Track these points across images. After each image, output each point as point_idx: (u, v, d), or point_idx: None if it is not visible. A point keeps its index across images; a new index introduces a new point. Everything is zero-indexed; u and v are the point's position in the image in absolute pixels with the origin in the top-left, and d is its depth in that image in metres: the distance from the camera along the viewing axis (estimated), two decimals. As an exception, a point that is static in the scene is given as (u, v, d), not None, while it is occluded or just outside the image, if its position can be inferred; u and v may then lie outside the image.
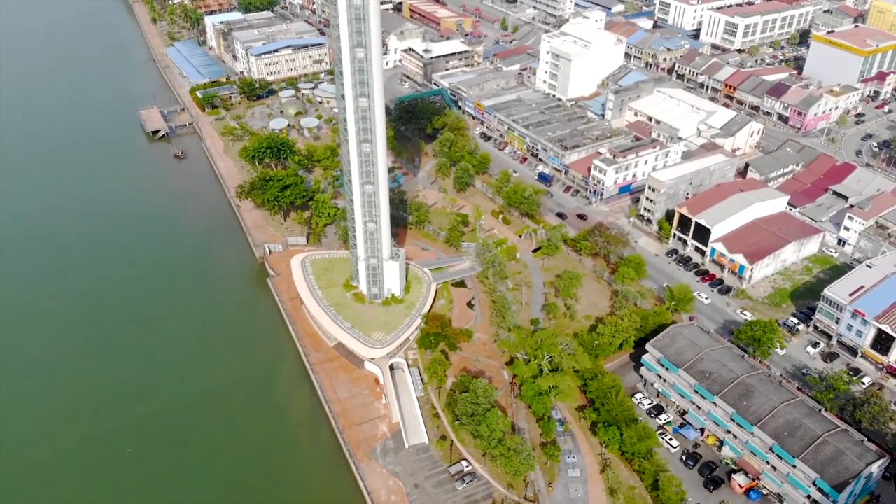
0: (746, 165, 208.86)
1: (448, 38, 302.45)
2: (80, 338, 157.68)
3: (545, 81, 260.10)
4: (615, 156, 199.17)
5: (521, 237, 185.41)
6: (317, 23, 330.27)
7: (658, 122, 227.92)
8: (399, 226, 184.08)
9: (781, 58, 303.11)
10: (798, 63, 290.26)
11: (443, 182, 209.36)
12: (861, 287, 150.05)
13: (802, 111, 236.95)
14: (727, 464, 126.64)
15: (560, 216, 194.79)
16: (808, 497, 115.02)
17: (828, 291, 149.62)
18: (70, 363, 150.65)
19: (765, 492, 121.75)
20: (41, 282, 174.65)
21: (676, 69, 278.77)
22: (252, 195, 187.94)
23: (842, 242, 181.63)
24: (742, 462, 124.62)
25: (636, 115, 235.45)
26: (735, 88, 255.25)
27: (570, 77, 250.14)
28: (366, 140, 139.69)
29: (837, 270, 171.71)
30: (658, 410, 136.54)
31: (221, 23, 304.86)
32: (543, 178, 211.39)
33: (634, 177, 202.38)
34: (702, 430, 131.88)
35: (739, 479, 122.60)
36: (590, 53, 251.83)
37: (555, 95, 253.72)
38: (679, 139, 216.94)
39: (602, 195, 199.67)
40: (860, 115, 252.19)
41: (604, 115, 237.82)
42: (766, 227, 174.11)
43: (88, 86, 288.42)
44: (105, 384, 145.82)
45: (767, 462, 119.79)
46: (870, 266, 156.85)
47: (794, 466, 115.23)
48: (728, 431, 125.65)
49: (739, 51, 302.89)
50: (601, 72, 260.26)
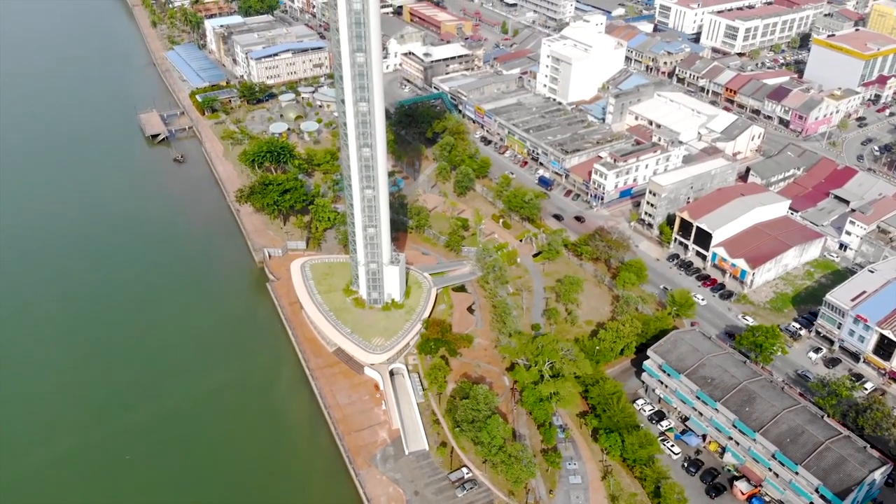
0: (747, 170, 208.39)
1: (448, 42, 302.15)
2: (79, 342, 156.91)
3: (545, 85, 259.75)
4: (616, 160, 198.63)
5: (522, 241, 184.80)
6: (317, 26, 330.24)
7: (659, 126, 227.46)
8: (399, 230, 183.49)
9: (782, 61, 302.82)
10: (799, 67, 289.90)
11: (443, 186, 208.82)
12: (863, 292, 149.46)
13: (803, 115, 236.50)
14: (729, 471, 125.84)
15: (557, 217, 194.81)
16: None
17: (830, 296, 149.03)
18: (68, 368, 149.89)
19: (767, 499, 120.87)
20: (40, 286, 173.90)
21: (677, 73, 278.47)
22: (252, 199, 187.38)
23: (843, 247, 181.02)
24: (744, 469, 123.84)
25: (637, 119, 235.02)
26: (736, 92, 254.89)
27: (571, 81, 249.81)
28: (366, 145, 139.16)
29: (839, 275, 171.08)
30: (660, 416, 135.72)
31: (221, 26, 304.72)
32: (544, 183, 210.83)
33: (635, 181, 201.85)
34: (704, 437, 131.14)
35: (742, 486, 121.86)
36: (590, 57, 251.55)
37: (555, 99, 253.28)
38: (680, 143, 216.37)
39: (603, 199, 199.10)
40: (861, 119, 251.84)
41: (604, 119, 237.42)
42: (768, 232, 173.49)
43: (88, 89, 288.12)
44: (103, 389, 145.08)
45: (770, 469, 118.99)
46: (872, 271, 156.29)
47: (797, 473, 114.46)
48: (730, 438, 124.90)
49: (740, 54, 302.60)
50: (601, 75, 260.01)
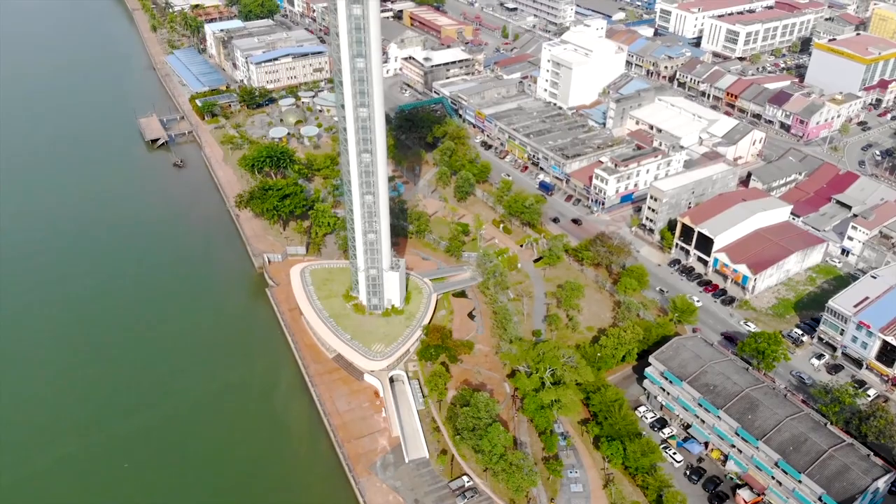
0: (749, 174, 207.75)
1: (449, 47, 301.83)
2: (78, 347, 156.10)
3: (546, 90, 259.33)
4: (617, 165, 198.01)
5: (522, 247, 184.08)
6: (317, 31, 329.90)
7: (659, 131, 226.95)
8: (399, 235, 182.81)
9: (783, 66, 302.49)
10: (799, 71, 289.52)
11: (443, 191, 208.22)
12: (866, 298, 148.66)
13: (804, 119, 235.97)
14: (732, 479, 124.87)
15: (554, 220, 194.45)
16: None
17: (832, 303, 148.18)
18: (67, 373, 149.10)
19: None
20: (39, 290, 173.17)
21: (678, 77, 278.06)
22: (251, 204, 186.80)
23: (845, 252, 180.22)
24: (747, 477, 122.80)
25: (637, 124, 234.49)
26: (736, 97, 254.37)
27: (571, 85, 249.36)
28: (366, 150, 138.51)
29: (841, 281, 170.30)
30: (661, 424, 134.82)
31: (221, 31, 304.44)
32: (544, 187, 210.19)
33: (636, 186, 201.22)
34: (706, 444, 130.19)
35: (744, 495, 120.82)
36: (591, 62, 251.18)
37: (556, 104, 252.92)
38: (681, 148, 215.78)
39: (603, 204, 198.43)
40: (862, 123, 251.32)
41: (605, 124, 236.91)
42: (770, 237, 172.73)
43: (88, 93, 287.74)
44: (102, 394, 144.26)
45: (773, 477, 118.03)
46: (874, 277, 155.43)
47: (800, 482, 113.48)
48: (733, 446, 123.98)
49: (741, 59, 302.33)
50: (602, 80, 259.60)
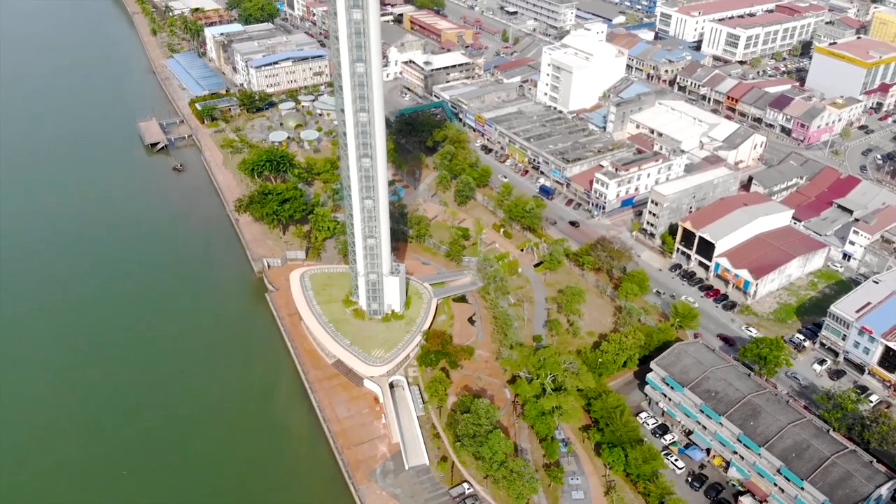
0: (750, 179, 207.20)
1: (449, 50, 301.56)
2: (77, 351, 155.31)
3: (546, 94, 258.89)
4: (617, 169, 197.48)
5: (523, 251, 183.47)
6: (317, 34, 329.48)
7: (660, 135, 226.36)
8: (399, 239, 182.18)
9: (783, 69, 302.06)
10: (800, 75, 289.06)
11: (443, 195, 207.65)
12: (868, 303, 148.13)
13: (805, 123, 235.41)
14: (734, 485, 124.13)
15: (551, 223, 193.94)
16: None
17: (834, 308, 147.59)
18: (66, 377, 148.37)
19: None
20: (38, 293, 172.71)
21: (678, 81, 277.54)
22: (251, 209, 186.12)
23: (847, 257, 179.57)
24: (749, 484, 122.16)
25: (638, 128, 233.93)
26: (737, 100, 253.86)
27: (572, 89, 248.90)
28: (366, 155, 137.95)
29: (843, 285, 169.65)
30: (663, 430, 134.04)
31: (221, 34, 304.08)
32: (545, 192, 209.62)
33: (637, 190, 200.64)
34: (708, 451, 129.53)
35: (746, 502, 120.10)
36: (591, 65, 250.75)
37: (556, 108, 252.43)
38: (681, 152, 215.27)
39: (604, 209, 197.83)
40: (863, 127, 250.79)
41: (605, 128, 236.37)
42: (771, 242, 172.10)
43: (87, 97, 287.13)
44: (101, 399, 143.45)
45: (775, 484, 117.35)
46: (876, 282, 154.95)
47: (803, 489, 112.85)
48: (735, 452, 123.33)
49: (741, 62, 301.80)
50: (602, 84, 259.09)
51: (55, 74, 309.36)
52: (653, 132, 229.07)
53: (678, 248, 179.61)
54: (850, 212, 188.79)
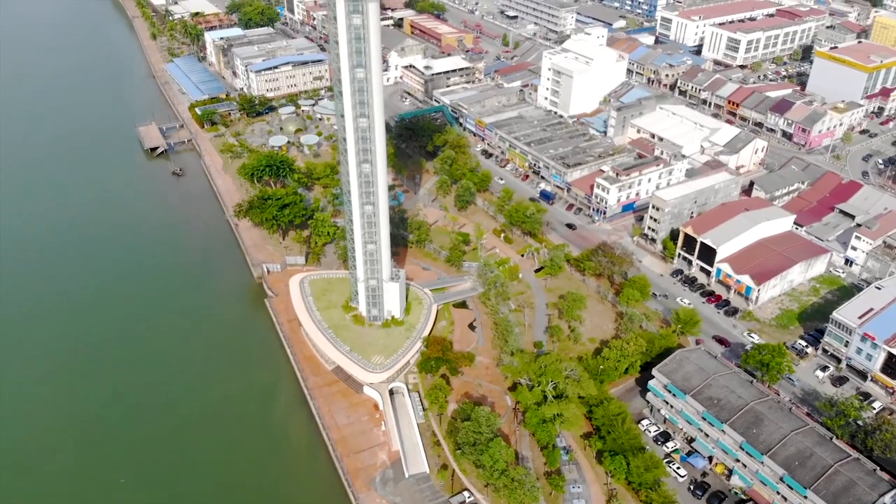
0: (751, 184, 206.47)
1: (449, 55, 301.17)
2: (74, 357, 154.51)
3: (547, 98, 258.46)
4: (618, 174, 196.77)
5: (524, 256, 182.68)
6: (317, 39, 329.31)
7: (661, 140, 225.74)
8: (399, 245, 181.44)
9: (784, 74, 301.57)
10: (801, 79, 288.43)
11: (444, 200, 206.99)
12: (870, 309, 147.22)
13: (807, 128, 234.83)
14: (737, 493, 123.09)
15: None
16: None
17: (836, 314, 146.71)
18: (63, 383, 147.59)
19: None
20: (36, 298, 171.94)
21: (679, 85, 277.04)
22: (250, 214, 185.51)
23: (849, 262, 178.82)
24: (752, 492, 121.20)
25: (639, 133, 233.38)
26: (738, 105, 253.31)
27: (572, 94, 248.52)
28: (366, 160, 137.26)
29: (845, 291, 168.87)
30: (665, 437, 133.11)
31: (221, 39, 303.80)
32: (545, 196, 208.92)
33: (637, 195, 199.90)
34: (710, 459, 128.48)
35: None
36: (591, 70, 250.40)
37: (556, 112, 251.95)
38: (682, 157, 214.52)
39: (605, 214, 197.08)
40: (865, 132, 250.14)
41: (606, 133, 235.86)
42: (773, 247, 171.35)
43: (87, 101, 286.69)
44: (98, 405, 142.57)
45: (778, 492, 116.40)
46: (879, 288, 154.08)
47: (806, 497, 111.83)
48: (737, 460, 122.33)
49: (742, 67, 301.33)
50: (603, 88, 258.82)
51: (54, 78, 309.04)
52: (653, 137, 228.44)
53: (679, 254, 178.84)
54: (852, 217, 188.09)
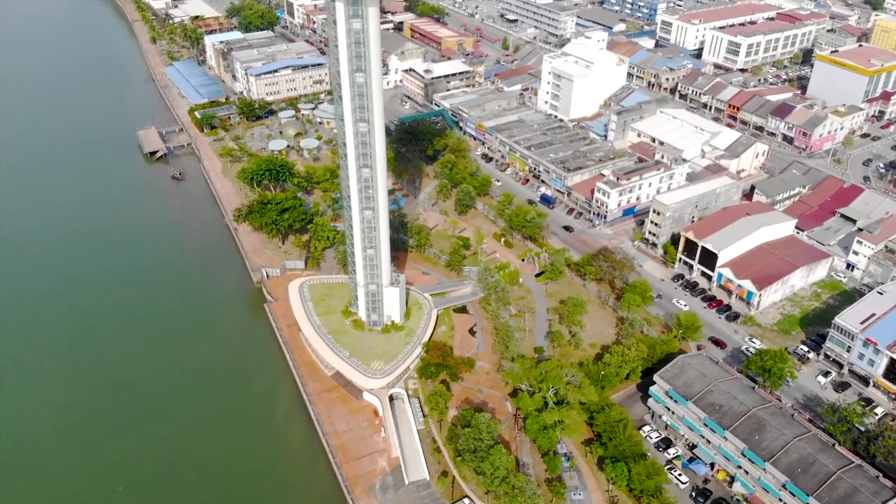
0: (752, 188, 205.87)
1: (449, 59, 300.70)
2: (71, 361, 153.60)
3: (547, 102, 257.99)
4: (619, 178, 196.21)
5: (524, 261, 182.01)
6: (317, 42, 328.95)
7: (661, 144, 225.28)
8: (399, 249, 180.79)
9: (785, 77, 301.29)
10: (801, 83, 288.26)
11: (444, 204, 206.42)
12: (872, 314, 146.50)
13: (807, 132, 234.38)
14: (739, 500, 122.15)
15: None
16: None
17: (839, 319, 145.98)
18: (60, 388, 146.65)
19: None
20: (33, 304, 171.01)
21: (679, 89, 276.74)
22: (250, 218, 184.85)
23: (851, 267, 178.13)
24: (754, 499, 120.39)
25: (639, 137, 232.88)
26: (739, 108, 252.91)
27: (572, 98, 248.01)
28: (365, 165, 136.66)
29: (847, 296, 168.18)
30: (666, 444, 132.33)
31: (221, 42, 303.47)
32: (546, 200, 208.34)
33: (638, 199, 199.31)
34: (712, 465, 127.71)
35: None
36: (592, 74, 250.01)
37: (557, 116, 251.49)
38: (683, 161, 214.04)
39: (605, 218, 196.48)
40: (865, 136, 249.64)
41: (606, 137, 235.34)
42: (774, 252, 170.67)
43: (86, 105, 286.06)
44: (95, 412, 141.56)
45: (780, 500, 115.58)
46: (881, 292, 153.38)
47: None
48: (739, 467, 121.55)
49: (742, 70, 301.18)
50: (603, 92, 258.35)
51: (54, 81, 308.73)
52: (654, 141, 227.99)
53: (680, 259, 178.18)
54: (854, 221, 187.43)
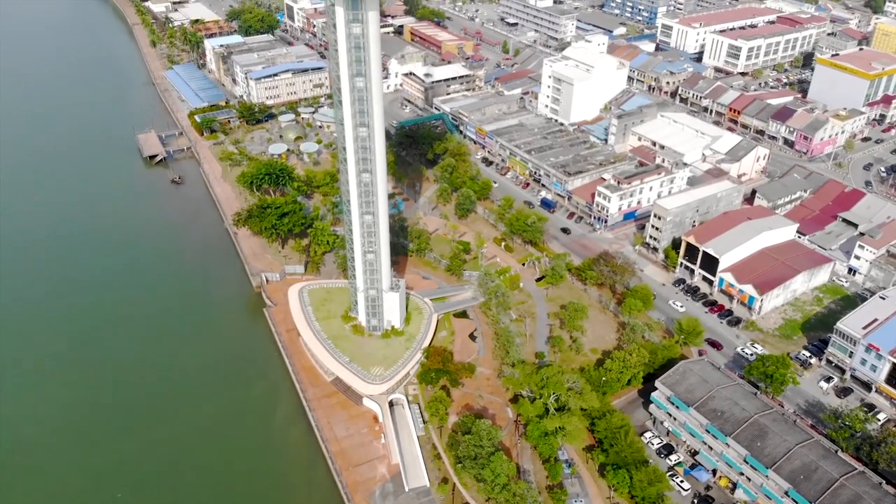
0: (753, 192, 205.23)
1: (449, 62, 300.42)
2: (69, 365, 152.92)
3: (547, 106, 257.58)
4: (619, 182, 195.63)
5: (525, 265, 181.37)
6: (317, 46, 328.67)
7: (662, 148, 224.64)
8: (399, 253, 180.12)
9: (785, 81, 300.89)
10: (802, 86, 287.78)
11: (444, 208, 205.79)
12: (875, 320, 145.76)
13: (808, 136, 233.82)
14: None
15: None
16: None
17: (841, 324, 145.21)
18: (58, 391, 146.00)
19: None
20: (32, 307, 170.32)
21: (680, 93, 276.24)
22: (250, 222, 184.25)
23: (852, 271, 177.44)
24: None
25: (640, 140, 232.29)
26: (739, 112, 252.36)
27: (573, 101, 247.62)
28: (365, 170, 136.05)
29: (848, 300, 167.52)
30: (668, 450, 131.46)
31: (221, 46, 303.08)
32: (546, 205, 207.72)
33: (639, 203, 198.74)
34: (714, 472, 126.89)
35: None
36: (592, 77, 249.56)
37: (557, 120, 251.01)
38: (684, 165, 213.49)
39: (606, 222, 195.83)
40: (867, 139, 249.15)
41: (607, 140, 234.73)
42: (776, 257, 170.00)
43: (86, 108, 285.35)
44: (93, 416, 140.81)
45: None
46: (883, 297, 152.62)
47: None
48: (741, 474, 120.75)
49: (743, 74, 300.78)
50: (604, 96, 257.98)
51: (53, 84, 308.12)
52: (655, 145, 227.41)
53: (682, 263, 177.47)
54: (855, 225, 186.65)
